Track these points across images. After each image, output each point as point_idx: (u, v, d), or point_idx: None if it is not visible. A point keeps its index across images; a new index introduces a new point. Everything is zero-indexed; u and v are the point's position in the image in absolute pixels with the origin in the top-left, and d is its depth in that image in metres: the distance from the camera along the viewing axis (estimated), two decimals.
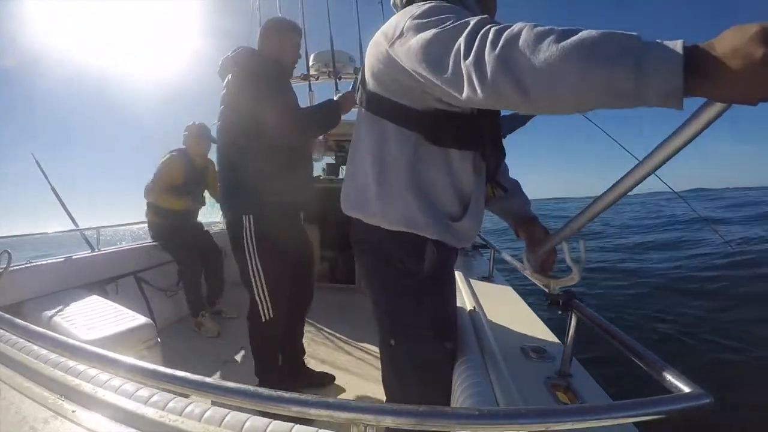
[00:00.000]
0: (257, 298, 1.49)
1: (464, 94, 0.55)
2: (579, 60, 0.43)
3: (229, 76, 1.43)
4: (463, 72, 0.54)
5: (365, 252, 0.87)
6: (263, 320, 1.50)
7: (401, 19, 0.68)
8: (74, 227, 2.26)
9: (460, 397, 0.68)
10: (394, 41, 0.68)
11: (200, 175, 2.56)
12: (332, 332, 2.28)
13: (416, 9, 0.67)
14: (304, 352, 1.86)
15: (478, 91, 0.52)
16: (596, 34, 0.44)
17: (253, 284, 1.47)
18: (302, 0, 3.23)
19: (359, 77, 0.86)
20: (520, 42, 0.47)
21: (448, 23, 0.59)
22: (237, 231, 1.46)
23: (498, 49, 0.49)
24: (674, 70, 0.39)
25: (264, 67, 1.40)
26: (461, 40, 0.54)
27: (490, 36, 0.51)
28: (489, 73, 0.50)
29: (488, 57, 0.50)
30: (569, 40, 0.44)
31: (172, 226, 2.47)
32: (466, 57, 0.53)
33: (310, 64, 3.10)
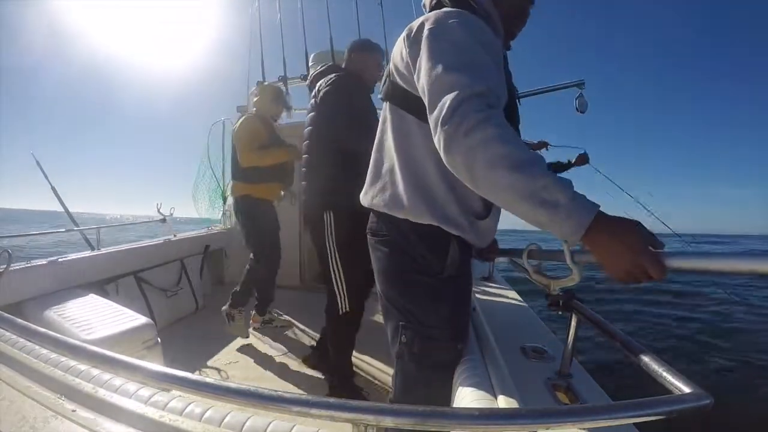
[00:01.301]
0: (336, 291, 1.56)
1: (435, 140, 0.66)
2: (518, 191, 0.58)
3: (318, 85, 1.59)
4: (437, 130, 0.64)
5: (384, 244, 0.85)
6: (340, 313, 1.57)
7: (422, 26, 0.73)
8: (74, 227, 2.26)
9: (460, 397, 0.68)
10: (411, 46, 0.74)
11: (279, 135, 2.31)
12: None
13: (436, 23, 0.71)
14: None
15: (441, 151, 0.64)
16: (542, 175, 0.56)
17: (333, 278, 1.56)
18: (302, 0, 3.23)
19: (387, 70, 0.88)
20: (485, 148, 0.59)
21: (451, 62, 0.66)
22: (320, 227, 1.57)
23: (467, 140, 0.60)
24: (575, 232, 0.56)
25: (343, 81, 1.56)
26: (447, 102, 0.62)
27: (467, 122, 0.60)
28: (452, 150, 0.62)
29: (458, 139, 0.61)
30: (519, 172, 0.57)
31: (268, 208, 2.25)
32: (443, 124, 0.62)
33: (310, 64, 3.09)
